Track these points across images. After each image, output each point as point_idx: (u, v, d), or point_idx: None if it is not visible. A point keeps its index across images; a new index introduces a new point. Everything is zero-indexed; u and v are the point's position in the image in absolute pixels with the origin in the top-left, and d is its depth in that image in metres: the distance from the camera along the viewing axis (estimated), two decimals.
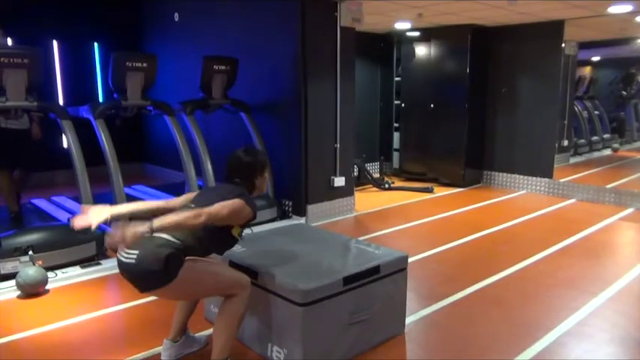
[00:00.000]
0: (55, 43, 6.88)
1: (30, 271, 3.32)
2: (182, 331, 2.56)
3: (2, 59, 3.63)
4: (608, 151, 7.98)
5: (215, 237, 2.31)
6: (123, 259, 2.17)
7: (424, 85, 7.13)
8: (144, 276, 2.16)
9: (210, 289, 2.40)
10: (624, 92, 7.57)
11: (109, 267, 3.82)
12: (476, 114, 6.87)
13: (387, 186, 6.86)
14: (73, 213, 4.71)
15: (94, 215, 2.20)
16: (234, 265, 2.67)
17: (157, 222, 2.05)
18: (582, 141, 7.67)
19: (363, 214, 5.57)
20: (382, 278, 2.65)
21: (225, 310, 2.30)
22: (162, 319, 3.02)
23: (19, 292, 3.34)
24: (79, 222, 2.20)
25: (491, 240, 4.66)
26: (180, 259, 2.16)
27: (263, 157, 2.55)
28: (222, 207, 2.20)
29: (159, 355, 2.60)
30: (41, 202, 5.26)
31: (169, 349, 2.51)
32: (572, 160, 7.31)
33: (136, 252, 2.12)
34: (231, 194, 2.30)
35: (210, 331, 2.62)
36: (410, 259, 2.89)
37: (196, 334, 2.67)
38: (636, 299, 3.35)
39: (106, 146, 4.15)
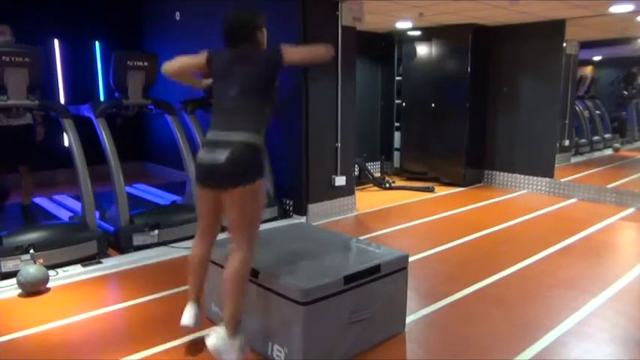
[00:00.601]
0: (56, 41, 6.89)
1: (31, 269, 3.33)
2: (202, 292, 2.64)
3: (4, 58, 3.64)
4: (609, 151, 7.97)
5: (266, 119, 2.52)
6: (211, 159, 2.32)
7: (425, 85, 7.12)
8: (235, 172, 2.31)
9: (254, 217, 2.47)
10: (625, 92, 7.57)
11: (109, 266, 3.83)
12: (477, 113, 6.87)
13: (387, 185, 6.86)
14: (74, 211, 4.73)
15: None
16: None
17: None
18: (583, 141, 7.67)
19: (364, 214, 5.57)
20: (383, 277, 2.66)
21: (230, 269, 2.38)
22: (163, 317, 3.03)
23: (19, 291, 3.35)
24: None
25: (491, 240, 4.66)
26: (262, 163, 2.41)
27: (260, 13, 2.63)
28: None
29: (160, 354, 2.61)
30: (42, 201, 5.27)
31: (193, 309, 2.57)
32: (573, 160, 7.31)
33: (227, 150, 2.28)
34: (271, 59, 2.49)
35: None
36: (410, 259, 2.89)
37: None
38: (636, 299, 3.35)
39: (107, 145, 4.15)
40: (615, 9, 5.31)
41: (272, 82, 2.49)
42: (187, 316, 2.57)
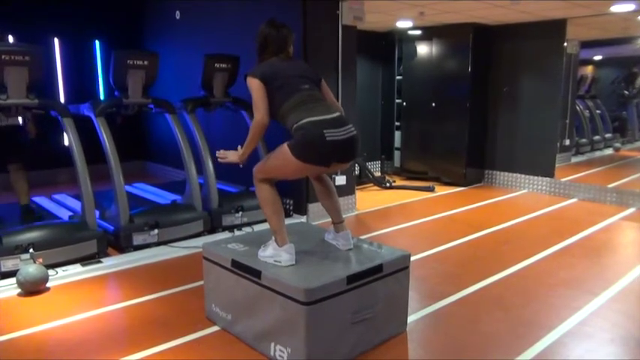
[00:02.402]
0: (56, 40, 6.88)
1: (30, 268, 3.32)
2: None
3: (3, 57, 3.63)
4: (609, 151, 7.97)
5: None
6: (348, 135, 2.57)
7: (425, 84, 7.12)
8: (357, 145, 2.66)
9: None
10: (626, 91, 7.56)
11: (109, 265, 3.83)
12: (477, 113, 6.87)
13: (388, 185, 6.85)
14: (74, 211, 4.72)
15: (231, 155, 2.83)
16: (236, 264, 2.67)
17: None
18: (584, 140, 7.67)
19: (365, 213, 5.57)
20: (385, 277, 2.65)
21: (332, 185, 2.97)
22: (163, 317, 3.02)
23: (19, 290, 3.34)
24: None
25: (492, 239, 4.66)
26: None
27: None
28: None
29: (159, 353, 2.60)
30: (42, 200, 5.26)
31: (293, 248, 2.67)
32: (574, 160, 7.31)
33: (350, 125, 2.60)
34: (317, 71, 2.88)
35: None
36: (411, 258, 2.88)
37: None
38: (637, 299, 3.35)
39: (107, 144, 4.14)
40: (616, 8, 5.31)
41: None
42: (291, 256, 2.62)
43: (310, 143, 2.54)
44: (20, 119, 4.30)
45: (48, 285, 3.43)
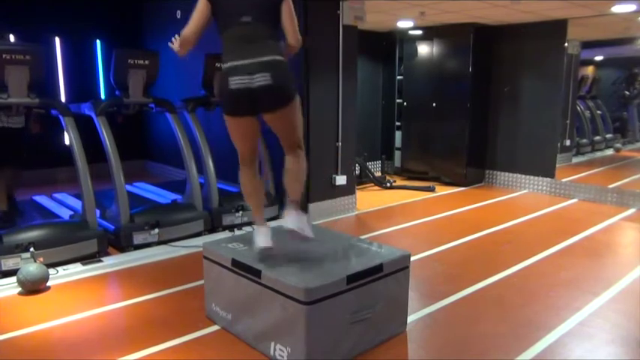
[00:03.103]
0: (57, 40, 6.88)
1: (31, 267, 3.32)
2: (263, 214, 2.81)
3: (4, 56, 3.63)
4: (610, 151, 7.96)
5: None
6: (253, 82, 2.37)
7: (426, 84, 7.11)
8: (282, 90, 2.45)
9: (299, 123, 2.65)
10: (627, 92, 7.56)
11: (110, 264, 3.83)
12: (478, 113, 6.86)
13: (388, 185, 6.85)
14: (74, 210, 4.72)
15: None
16: (236, 263, 2.67)
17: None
18: (585, 141, 7.66)
19: (365, 213, 5.57)
20: (385, 277, 2.65)
21: (301, 161, 2.72)
22: (163, 317, 3.02)
23: (20, 289, 3.34)
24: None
25: (492, 239, 4.66)
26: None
27: None
28: (295, 20, 2.55)
29: (160, 353, 2.60)
30: (43, 199, 5.27)
31: (268, 232, 2.68)
32: (575, 160, 7.30)
33: (267, 73, 2.38)
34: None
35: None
36: (412, 258, 2.88)
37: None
38: (638, 299, 3.34)
39: (108, 143, 4.14)
40: (617, 9, 5.30)
41: (279, 12, 2.53)
42: (264, 238, 2.63)
43: (220, 92, 2.48)
44: (23, 120, 4.31)
45: (48, 284, 3.43)
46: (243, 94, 2.40)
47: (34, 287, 3.32)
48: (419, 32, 7.12)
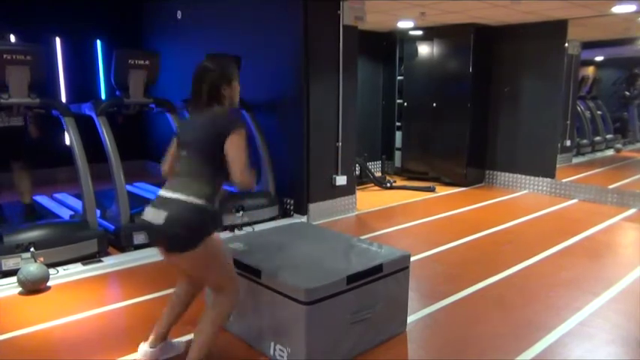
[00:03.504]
0: (57, 40, 6.88)
1: (31, 267, 3.33)
2: (163, 337, 2.49)
3: (5, 56, 3.64)
4: (610, 152, 7.96)
5: (222, 178, 2.25)
6: (151, 219, 2.15)
7: (426, 84, 7.12)
8: (171, 238, 2.13)
9: (217, 271, 2.28)
10: (627, 92, 7.55)
11: (110, 264, 3.83)
12: (478, 113, 6.86)
13: (388, 185, 6.85)
14: (75, 210, 4.72)
15: None
16: (237, 263, 2.67)
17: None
18: (585, 141, 7.66)
19: (365, 213, 5.57)
20: (385, 277, 2.65)
21: (214, 308, 2.28)
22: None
23: (20, 289, 3.34)
24: None
25: (493, 240, 4.66)
26: (208, 225, 2.16)
27: (229, 63, 2.35)
28: (240, 160, 2.13)
29: None
30: (43, 199, 5.27)
31: (146, 354, 2.44)
32: (575, 161, 7.30)
33: (166, 213, 2.10)
34: (220, 126, 2.16)
35: (189, 336, 2.57)
36: (411, 259, 2.88)
37: (174, 340, 2.58)
38: (638, 300, 3.34)
39: (108, 143, 4.14)
40: (618, 9, 5.30)
41: (222, 151, 2.16)
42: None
43: None
44: (22, 120, 4.32)
45: (49, 284, 3.43)
46: (146, 227, 2.25)
47: (34, 287, 3.32)
48: (419, 32, 7.12)
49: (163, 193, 2.21)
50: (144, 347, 2.46)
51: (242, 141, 2.17)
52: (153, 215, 2.15)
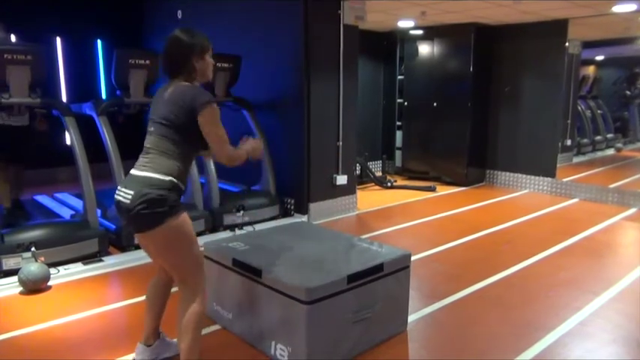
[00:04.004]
0: (58, 40, 6.88)
1: (32, 267, 3.33)
2: (155, 334, 2.48)
3: (6, 56, 3.64)
4: (611, 151, 7.95)
5: (191, 158, 2.26)
6: (121, 198, 2.13)
7: (427, 84, 7.12)
8: (139, 215, 2.07)
9: (181, 256, 2.19)
10: (628, 92, 7.55)
11: (111, 264, 3.83)
12: (479, 113, 6.86)
13: (389, 184, 6.85)
14: (75, 209, 4.73)
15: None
16: (237, 263, 2.67)
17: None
18: (585, 140, 7.65)
19: (366, 213, 5.57)
20: (386, 276, 2.65)
21: (183, 309, 2.19)
22: (164, 316, 3.02)
23: (21, 289, 3.35)
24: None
25: (493, 239, 4.66)
26: (173, 202, 2.09)
27: (202, 36, 2.25)
28: (216, 133, 2.15)
29: None
30: (44, 199, 5.27)
31: (143, 353, 2.44)
32: (575, 160, 7.29)
33: (132, 192, 2.08)
34: (189, 102, 2.11)
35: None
36: (412, 258, 2.88)
37: (173, 340, 2.55)
38: (639, 299, 3.34)
39: (109, 143, 4.15)
40: (618, 8, 5.30)
41: (189, 128, 2.14)
42: (139, 358, 2.42)
43: None
44: (26, 118, 4.32)
45: (49, 283, 3.43)
46: (118, 206, 2.18)
47: (35, 287, 3.33)
48: (420, 32, 7.12)
49: (132, 171, 2.20)
50: (140, 346, 2.47)
51: (215, 116, 2.15)
52: (121, 195, 2.13)
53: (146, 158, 2.19)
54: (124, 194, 2.13)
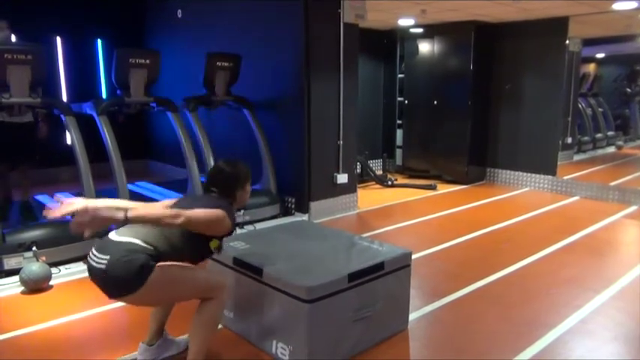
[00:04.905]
0: (58, 39, 6.88)
1: (34, 266, 3.33)
2: (159, 334, 2.49)
3: (6, 56, 3.64)
4: (612, 149, 7.93)
5: (191, 246, 2.23)
6: (93, 264, 2.09)
7: (427, 82, 7.11)
8: (114, 283, 2.05)
9: (186, 294, 2.29)
10: (629, 89, 7.53)
11: None
12: (479, 111, 6.86)
13: (389, 183, 6.85)
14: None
15: (66, 205, 2.04)
16: (238, 262, 2.68)
17: (134, 212, 2.01)
18: (586, 138, 7.64)
19: (366, 211, 5.57)
20: (386, 275, 2.65)
21: (202, 313, 2.24)
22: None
23: (22, 288, 3.35)
24: (51, 213, 2.09)
25: (494, 238, 4.66)
26: (150, 265, 2.06)
27: (245, 169, 2.44)
28: (203, 213, 2.14)
29: None
30: (45, 199, 5.27)
31: (145, 353, 2.45)
32: (576, 158, 7.28)
33: (107, 257, 2.04)
34: (214, 204, 2.23)
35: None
36: (413, 257, 2.88)
37: (176, 338, 2.58)
38: (639, 297, 3.35)
39: (109, 143, 4.15)
40: (618, 6, 5.30)
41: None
42: (141, 358, 2.44)
43: None
44: (30, 116, 4.33)
45: (51, 283, 3.44)
46: (89, 272, 2.14)
47: (36, 286, 3.33)
48: (420, 30, 7.11)
49: (115, 237, 2.17)
50: (143, 346, 2.47)
51: (217, 214, 2.16)
52: (96, 258, 2.08)
53: (131, 228, 2.21)
54: (97, 259, 2.09)
